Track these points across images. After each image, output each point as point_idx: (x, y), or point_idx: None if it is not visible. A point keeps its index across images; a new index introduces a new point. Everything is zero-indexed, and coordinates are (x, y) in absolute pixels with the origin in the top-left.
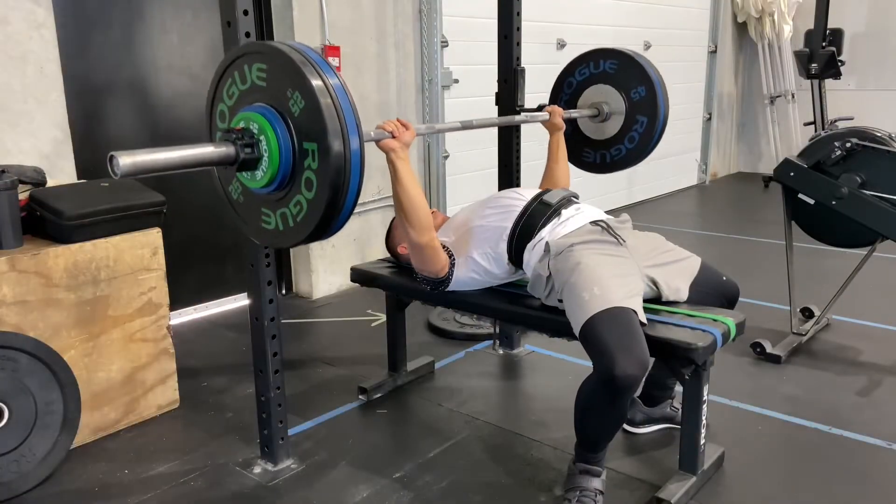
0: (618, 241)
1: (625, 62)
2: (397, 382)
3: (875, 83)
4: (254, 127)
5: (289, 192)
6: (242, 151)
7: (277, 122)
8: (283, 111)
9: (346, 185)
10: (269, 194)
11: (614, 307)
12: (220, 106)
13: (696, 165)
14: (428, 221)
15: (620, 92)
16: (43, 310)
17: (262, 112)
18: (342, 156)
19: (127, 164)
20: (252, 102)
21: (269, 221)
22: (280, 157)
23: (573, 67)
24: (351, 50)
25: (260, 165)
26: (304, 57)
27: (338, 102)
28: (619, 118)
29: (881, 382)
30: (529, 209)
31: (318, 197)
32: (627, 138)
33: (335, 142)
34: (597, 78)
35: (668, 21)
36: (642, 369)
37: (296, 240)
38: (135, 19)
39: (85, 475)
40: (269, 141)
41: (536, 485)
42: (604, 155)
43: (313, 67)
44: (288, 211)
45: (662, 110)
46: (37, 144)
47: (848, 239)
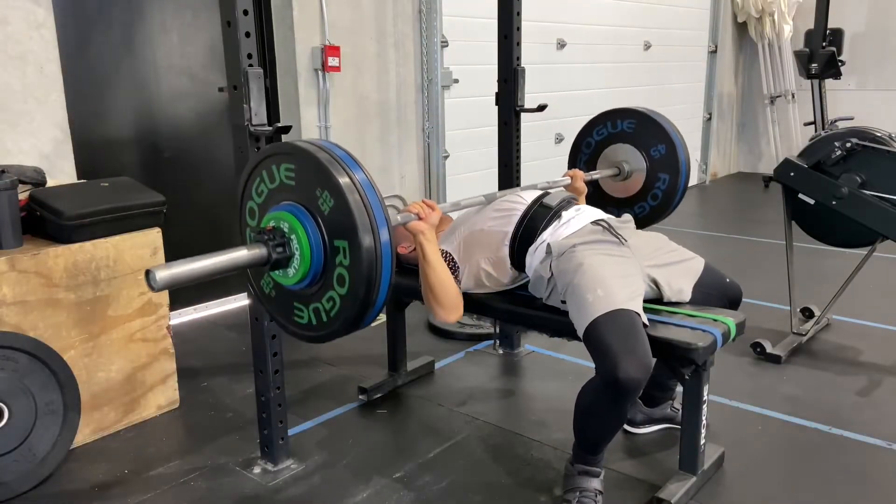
0: (619, 240)
1: (642, 121)
2: (397, 382)
3: (875, 83)
4: (284, 226)
5: (321, 288)
6: (274, 252)
7: (308, 221)
8: (312, 210)
9: (378, 278)
10: (301, 290)
11: (618, 309)
12: (250, 203)
13: (697, 165)
14: (457, 299)
15: (640, 150)
16: (43, 310)
17: (291, 211)
18: (373, 251)
19: (164, 277)
20: (281, 201)
21: (302, 316)
22: (311, 255)
23: (591, 128)
24: (351, 50)
25: (292, 263)
26: (331, 156)
27: (366, 199)
28: (640, 175)
29: (881, 382)
30: (530, 212)
31: (352, 292)
32: (650, 196)
33: (366, 237)
34: (615, 137)
35: (668, 21)
36: (646, 372)
37: (331, 333)
38: (135, 19)
39: (85, 475)
40: (300, 240)
41: (536, 485)
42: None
43: (341, 166)
44: (321, 306)
45: (684, 167)
46: (37, 144)
47: (848, 239)
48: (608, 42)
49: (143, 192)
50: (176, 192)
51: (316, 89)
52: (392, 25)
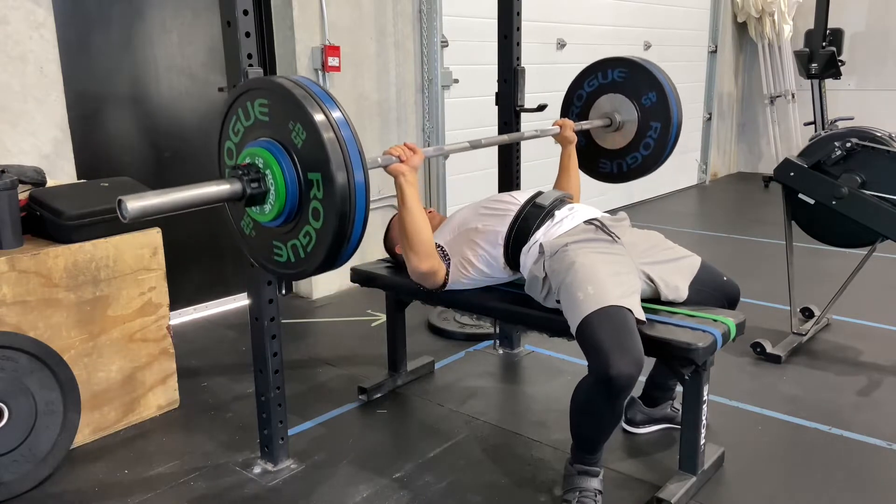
0: (612, 238)
1: (633, 69)
2: (397, 382)
3: (875, 83)
4: (259, 161)
5: (297, 224)
6: (249, 186)
7: (282, 156)
8: (286, 144)
9: (352, 212)
10: (278, 227)
11: (609, 306)
12: (227, 143)
13: (696, 165)
14: (430, 248)
15: (631, 100)
16: (43, 310)
17: (266, 146)
18: (346, 186)
19: (135, 208)
20: (257, 138)
21: (281, 254)
22: (286, 189)
23: (581, 79)
24: (351, 50)
25: (268, 199)
26: (306, 90)
27: (340, 135)
28: (632, 126)
29: (881, 382)
30: (523, 212)
31: (326, 226)
32: (643, 145)
33: (339, 173)
34: (606, 88)
35: (668, 21)
36: (638, 368)
37: (308, 270)
38: (135, 19)
39: (85, 475)
40: (274, 174)
41: (536, 485)
42: (620, 164)
43: (314, 100)
44: (298, 242)
45: (675, 114)
46: (37, 144)
47: (848, 239)
48: (608, 42)
49: (143, 191)
50: None
51: None
52: (392, 25)
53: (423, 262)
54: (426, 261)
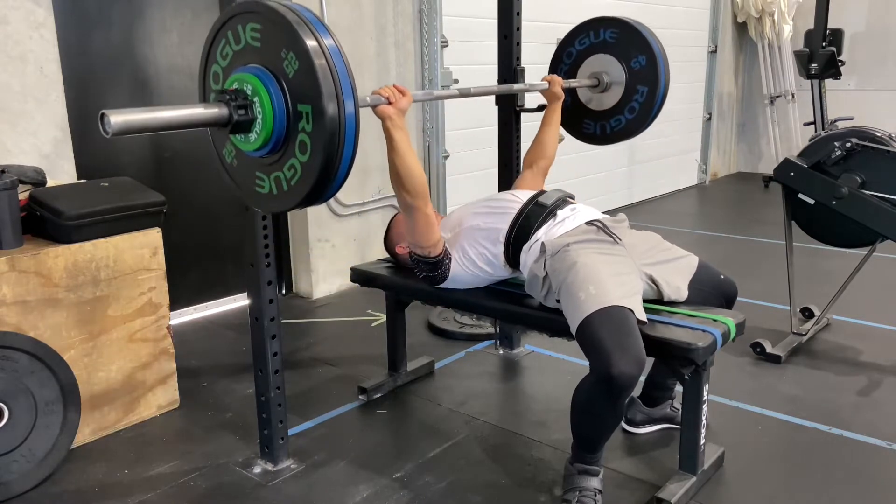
0: (614, 239)
1: (625, 31)
2: (397, 382)
3: (875, 83)
4: (247, 88)
5: (283, 156)
6: (236, 113)
7: (271, 84)
8: (277, 72)
9: (340, 148)
10: (262, 157)
11: (610, 306)
12: (214, 67)
13: (696, 165)
14: (423, 188)
15: (621, 61)
16: (43, 310)
17: (255, 73)
18: (336, 118)
19: (118, 123)
20: (246, 63)
21: (264, 185)
22: (274, 119)
23: (573, 37)
24: (351, 50)
25: (254, 128)
26: (300, 17)
27: (332, 64)
28: (619, 88)
29: (881, 382)
30: (525, 211)
31: (313, 160)
32: (628, 108)
33: (330, 104)
34: (597, 47)
35: (668, 21)
36: (639, 368)
37: (290, 204)
38: (135, 19)
39: (85, 475)
40: (262, 103)
41: (536, 485)
42: (604, 126)
43: (308, 28)
44: (282, 175)
45: (663, 79)
46: (37, 144)
47: (848, 239)
48: None
49: (143, 192)
50: (176, 192)
51: None
52: (392, 25)
53: (416, 198)
54: (419, 198)
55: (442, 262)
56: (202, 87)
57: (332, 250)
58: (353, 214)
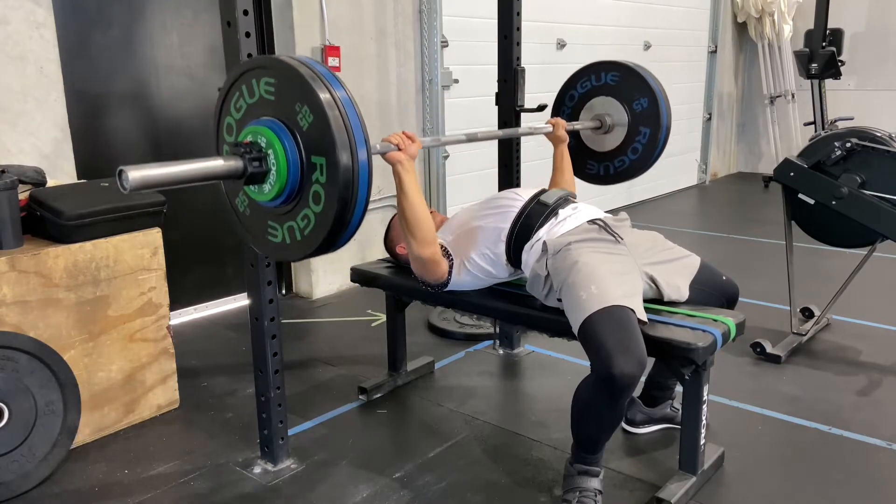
0: (615, 238)
1: (626, 74)
2: (397, 382)
3: (875, 83)
4: (262, 141)
5: (296, 206)
6: (250, 165)
7: (286, 136)
8: (291, 125)
9: (354, 198)
10: (276, 207)
11: (612, 306)
12: (228, 119)
13: (696, 165)
14: (431, 235)
15: (623, 103)
16: (43, 310)
17: (270, 126)
18: (350, 169)
19: (136, 179)
20: (260, 116)
21: (276, 234)
22: (288, 170)
23: (575, 80)
24: (351, 50)
25: (268, 179)
26: (313, 71)
27: (346, 115)
28: (621, 130)
29: (881, 382)
30: (527, 209)
31: (326, 211)
32: (630, 149)
33: (344, 155)
34: (599, 90)
35: (668, 21)
36: (640, 368)
37: (303, 253)
38: (135, 19)
39: (85, 475)
40: (277, 155)
41: (536, 485)
42: (607, 166)
43: (321, 81)
44: (295, 224)
45: (665, 121)
46: (37, 144)
47: (848, 239)
48: (608, 42)
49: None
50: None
51: None
52: (392, 25)
53: (424, 248)
54: (427, 247)
55: (447, 281)
56: (216, 138)
57: None
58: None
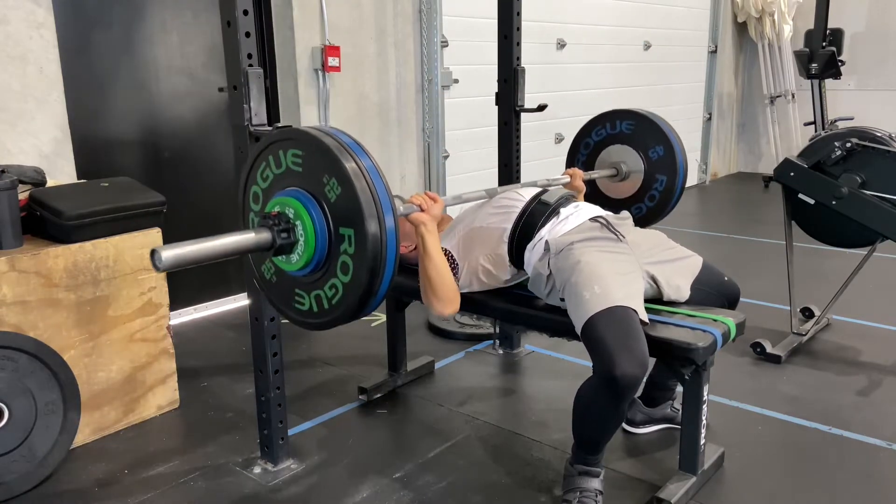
0: (618, 237)
1: (641, 122)
2: (397, 382)
3: (875, 83)
4: (289, 212)
5: (324, 275)
6: (279, 237)
7: (313, 207)
8: (318, 196)
9: (382, 268)
10: (303, 277)
11: (615, 306)
12: (254, 188)
13: (696, 165)
14: (454, 294)
15: (638, 151)
16: (43, 310)
17: (297, 197)
18: (378, 239)
19: (169, 258)
20: (286, 187)
21: (304, 303)
22: (316, 241)
23: (590, 128)
24: (351, 50)
25: (296, 250)
26: (339, 143)
27: (373, 186)
28: (637, 177)
29: (881, 382)
30: (528, 209)
31: (355, 281)
32: (648, 197)
33: (372, 225)
34: (614, 138)
35: (668, 21)
36: (643, 369)
37: (332, 321)
38: (135, 19)
39: (85, 475)
40: (305, 226)
41: (536, 485)
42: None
43: (348, 153)
44: (323, 294)
45: (681, 168)
46: (37, 144)
47: (848, 239)
48: (608, 42)
49: (143, 192)
50: (176, 192)
51: (316, 89)
52: (392, 25)
53: (446, 307)
54: (450, 306)
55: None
56: (241, 207)
57: None
58: None
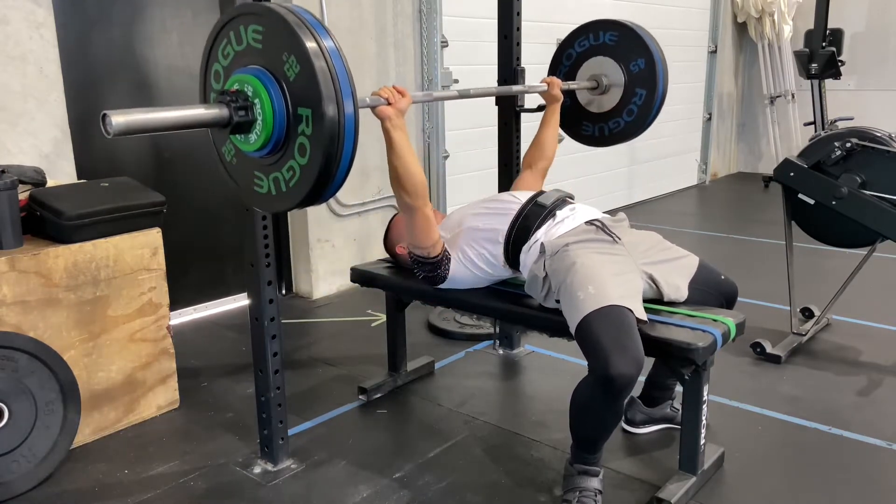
0: (613, 239)
1: (625, 34)
2: (397, 382)
3: (875, 83)
4: (248, 90)
5: (282, 157)
6: (236, 114)
7: (272, 86)
8: (278, 75)
9: (339, 152)
10: (262, 158)
11: (609, 306)
12: (215, 66)
13: (696, 165)
14: (423, 189)
15: (620, 64)
16: (43, 310)
17: (256, 75)
18: (336, 122)
19: (120, 123)
20: (247, 64)
21: (262, 185)
22: (274, 121)
23: (573, 39)
24: (351, 50)
25: (254, 129)
26: (300, 19)
27: (332, 66)
28: (617, 91)
29: (881, 382)
30: (524, 211)
31: (312, 163)
32: (626, 111)
33: (330, 107)
34: (596, 50)
35: (668, 21)
36: (637, 368)
37: (288, 205)
38: (135, 19)
39: (85, 475)
40: (263, 105)
41: (536, 485)
42: (602, 128)
43: (308, 30)
44: (281, 175)
45: (661, 83)
46: (37, 144)
47: (848, 239)
48: None
49: (143, 192)
50: (176, 192)
51: None
52: (392, 25)
53: (415, 199)
54: (419, 198)
55: (441, 262)
56: (203, 85)
57: (332, 250)
58: (353, 214)
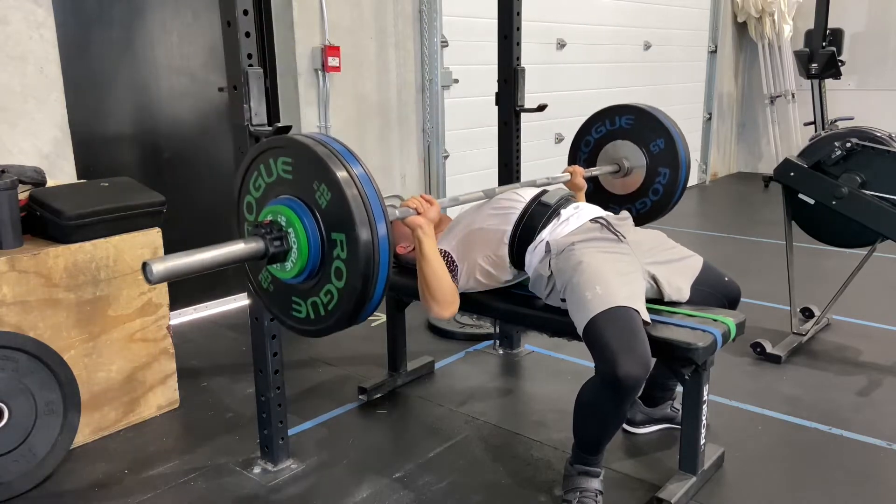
0: (618, 237)
1: (640, 116)
2: (397, 382)
3: (875, 83)
4: (282, 220)
5: (319, 282)
6: (272, 245)
7: (305, 215)
8: (310, 203)
9: (375, 272)
10: (299, 284)
11: (616, 307)
12: (248, 198)
13: (696, 165)
14: (453, 296)
15: (639, 146)
16: (43, 310)
17: (289, 205)
18: (371, 244)
19: (160, 271)
20: (279, 195)
21: (301, 310)
22: (309, 248)
23: (589, 126)
24: (351, 50)
25: (289, 257)
26: (329, 149)
27: (363, 192)
28: (640, 171)
29: (881, 382)
30: (529, 211)
31: (349, 286)
32: (651, 191)
33: (363, 231)
34: (614, 134)
35: (668, 21)
36: (645, 369)
37: (328, 327)
38: (135, 19)
39: (85, 475)
40: (297, 233)
41: (536, 485)
42: (629, 209)
43: (338, 159)
44: (319, 300)
45: (684, 160)
46: (37, 144)
47: (848, 239)
48: (608, 42)
49: (143, 192)
50: (176, 192)
51: (316, 89)
52: (392, 25)
53: (445, 310)
54: (448, 308)
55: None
56: (237, 217)
57: None
58: None
